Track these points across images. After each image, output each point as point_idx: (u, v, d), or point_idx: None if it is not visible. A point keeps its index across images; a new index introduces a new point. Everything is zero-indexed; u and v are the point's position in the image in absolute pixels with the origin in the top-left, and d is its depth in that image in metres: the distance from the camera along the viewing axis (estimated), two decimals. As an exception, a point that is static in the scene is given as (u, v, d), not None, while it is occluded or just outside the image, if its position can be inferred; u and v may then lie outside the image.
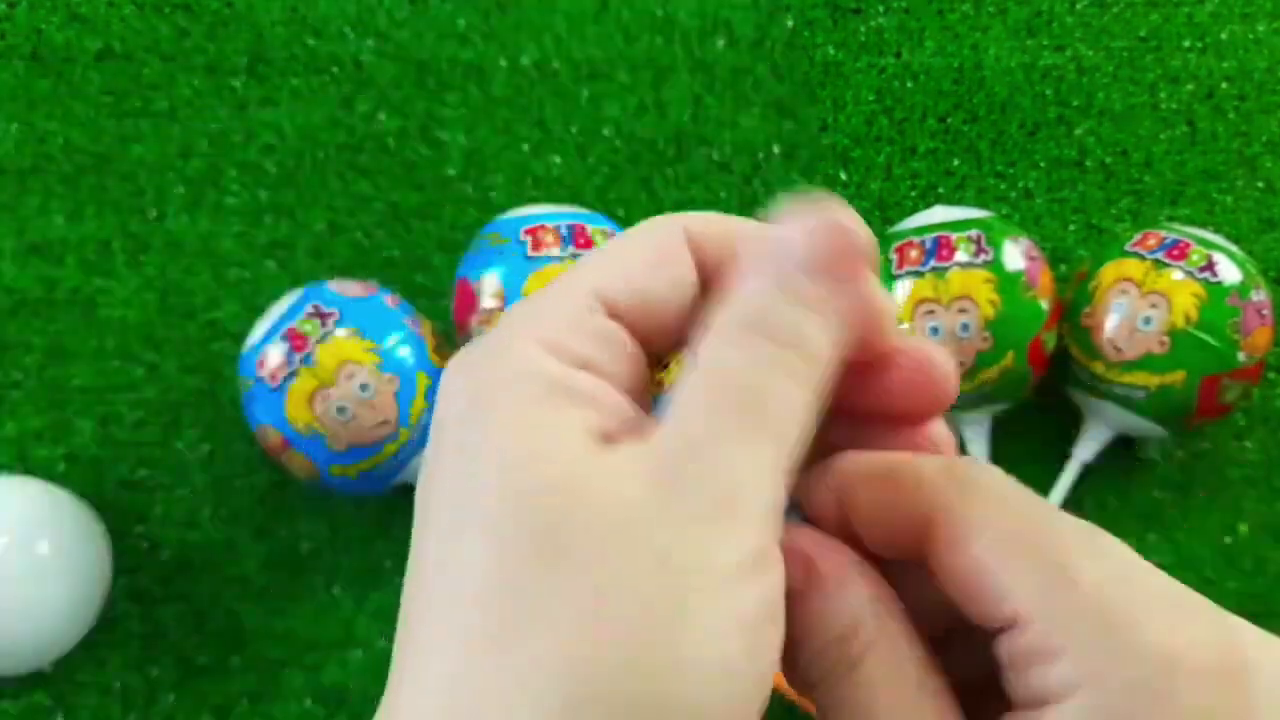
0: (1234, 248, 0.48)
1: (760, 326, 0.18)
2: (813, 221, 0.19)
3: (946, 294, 0.47)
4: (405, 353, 0.46)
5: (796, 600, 0.19)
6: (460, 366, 0.19)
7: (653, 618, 0.16)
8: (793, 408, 0.18)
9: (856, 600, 0.19)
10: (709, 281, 0.20)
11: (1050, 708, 0.16)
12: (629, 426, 0.18)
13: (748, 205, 0.57)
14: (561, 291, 0.19)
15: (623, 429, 0.18)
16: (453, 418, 0.18)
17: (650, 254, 0.20)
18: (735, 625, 0.16)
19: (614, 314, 0.19)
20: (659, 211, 0.59)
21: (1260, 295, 0.47)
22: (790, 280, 0.18)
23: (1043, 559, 0.17)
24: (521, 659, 0.16)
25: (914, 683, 0.18)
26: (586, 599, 0.16)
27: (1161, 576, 0.18)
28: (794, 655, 0.19)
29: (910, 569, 0.19)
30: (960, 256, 0.47)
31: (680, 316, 0.20)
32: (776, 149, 0.58)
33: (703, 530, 0.16)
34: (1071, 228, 0.58)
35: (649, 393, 0.20)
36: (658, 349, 0.20)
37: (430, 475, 0.18)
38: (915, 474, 0.19)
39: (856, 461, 0.20)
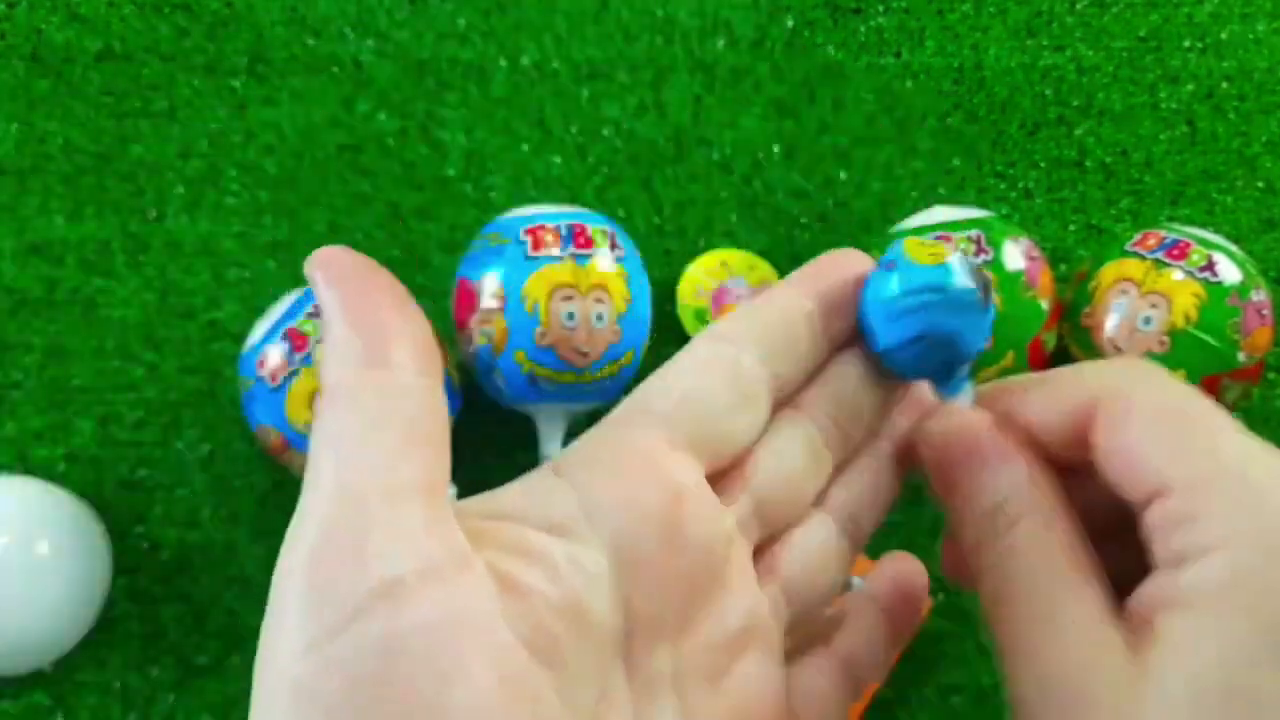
0: (1234, 248, 0.48)
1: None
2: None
3: (946, 294, 0.47)
4: (405, 353, 0.46)
5: (961, 471, 0.21)
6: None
7: None
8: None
9: (1012, 474, 0.21)
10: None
11: (1192, 564, 0.18)
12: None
13: (748, 205, 0.57)
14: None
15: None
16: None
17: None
18: None
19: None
20: (659, 211, 0.59)
21: (1260, 295, 0.47)
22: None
23: (1192, 434, 0.19)
24: None
25: (1057, 556, 0.20)
26: None
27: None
28: (958, 523, 0.21)
29: (1073, 477, 0.21)
30: (960, 256, 0.47)
31: None
32: (777, 149, 0.58)
33: None
34: (1071, 227, 0.58)
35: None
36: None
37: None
38: (1076, 370, 0.21)
39: (1021, 379, 0.22)
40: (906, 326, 0.22)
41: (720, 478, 0.22)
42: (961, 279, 0.22)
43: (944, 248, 0.23)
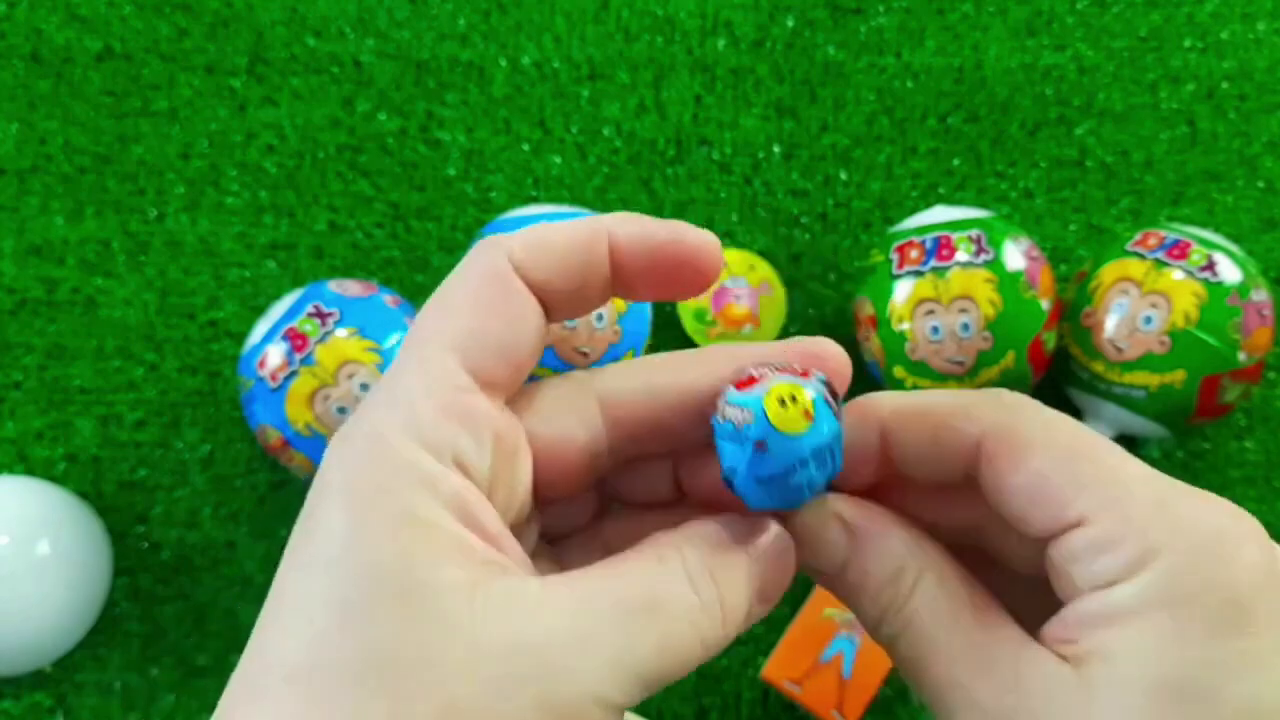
0: (1234, 247, 0.48)
1: (697, 573, 0.20)
2: (779, 543, 0.21)
3: (947, 294, 0.47)
4: (405, 353, 0.46)
5: (844, 557, 0.21)
6: (339, 453, 0.19)
7: None
8: (681, 659, 0.19)
9: (898, 544, 0.21)
10: (622, 285, 0.21)
11: (1124, 583, 0.18)
12: (490, 552, 0.18)
13: (748, 205, 0.57)
14: (423, 367, 0.19)
15: (486, 555, 0.18)
16: (325, 512, 0.18)
17: (484, 296, 0.20)
18: None
19: (486, 384, 0.20)
20: (659, 211, 0.59)
21: (1261, 295, 0.47)
22: (743, 564, 0.20)
23: (1094, 464, 0.19)
24: None
25: (963, 602, 0.20)
26: None
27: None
28: (857, 604, 0.21)
29: (941, 498, 0.22)
30: (961, 256, 0.47)
31: (531, 349, 0.21)
32: (777, 149, 0.58)
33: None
34: (1072, 227, 0.58)
35: (512, 488, 0.20)
36: (505, 388, 0.20)
37: (292, 561, 0.18)
38: (962, 406, 0.21)
39: (897, 401, 0.22)
40: (757, 474, 0.20)
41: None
42: (820, 438, 0.20)
43: (802, 393, 0.20)
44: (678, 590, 0.19)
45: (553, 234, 0.21)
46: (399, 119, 0.58)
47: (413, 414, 0.19)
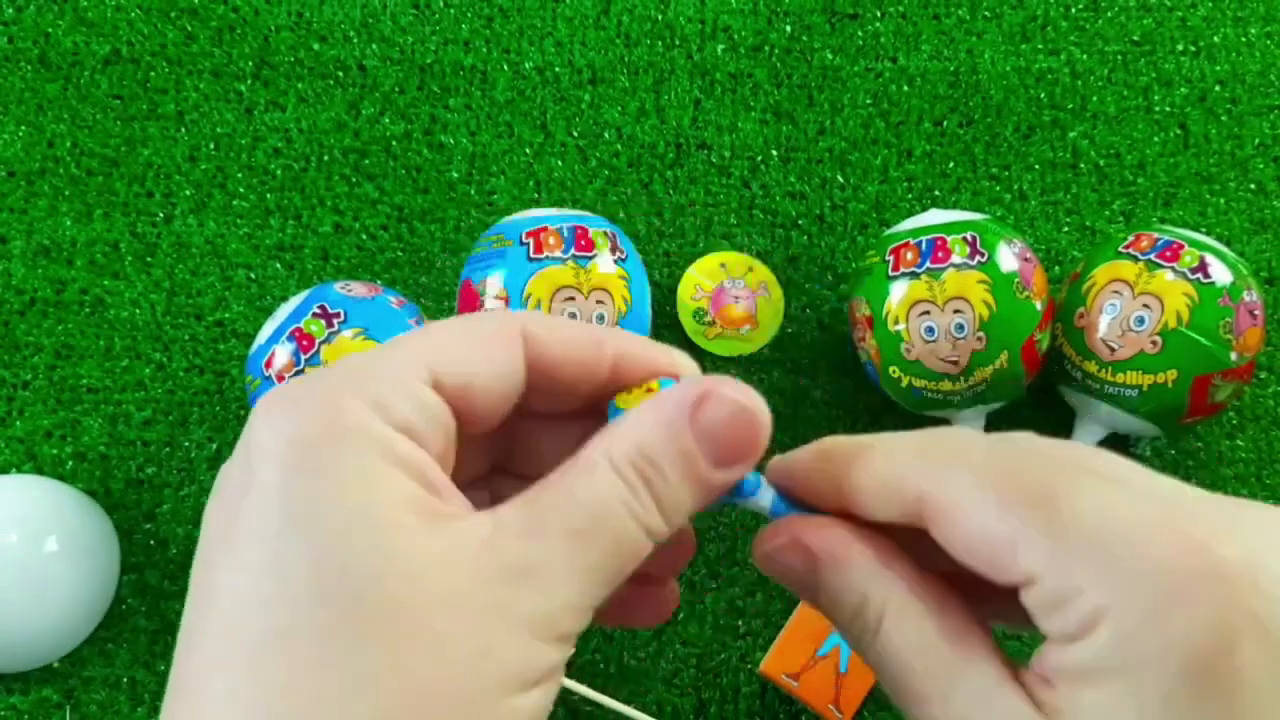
0: (1226, 249, 0.49)
1: (638, 469, 0.19)
2: (737, 401, 0.20)
3: (942, 295, 0.47)
4: (410, 352, 0.47)
5: (811, 582, 0.21)
6: (284, 409, 0.19)
7: (460, 715, 0.17)
8: (628, 550, 0.19)
9: (859, 575, 0.20)
10: (540, 381, 0.21)
11: (1080, 640, 0.18)
12: (442, 505, 0.19)
13: (746, 207, 0.58)
14: (393, 356, 0.20)
15: (438, 506, 0.19)
16: (275, 461, 0.18)
17: (484, 343, 0.21)
18: None
19: (439, 389, 0.20)
20: (659, 214, 0.60)
21: (1252, 296, 0.48)
22: (688, 444, 0.20)
23: (1038, 512, 0.18)
24: None
25: (933, 635, 0.20)
26: (389, 682, 0.17)
27: (1146, 482, 0.19)
28: (837, 629, 0.21)
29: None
30: (955, 258, 0.47)
31: (500, 405, 0.21)
32: (775, 153, 0.59)
33: (511, 641, 0.18)
34: (1065, 229, 0.58)
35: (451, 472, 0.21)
36: (471, 429, 0.21)
37: (238, 507, 0.18)
38: (895, 475, 0.20)
39: (843, 446, 0.21)
40: None
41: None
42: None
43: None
44: (612, 493, 0.19)
45: (568, 327, 0.22)
46: (403, 123, 0.59)
47: (367, 385, 0.19)
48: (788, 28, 0.61)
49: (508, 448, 0.24)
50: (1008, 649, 0.20)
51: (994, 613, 0.21)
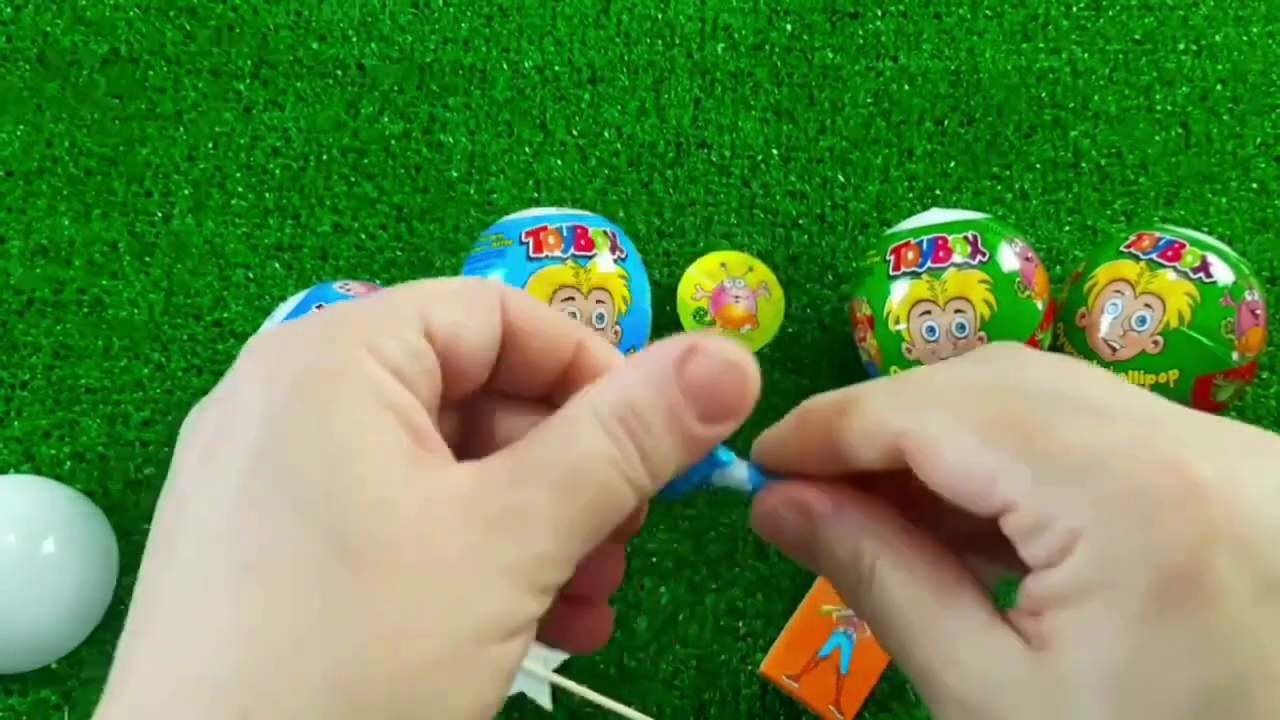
0: (1228, 249, 0.49)
1: (625, 422, 0.19)
2: (724, 355, 0.20)
3: (943, 294, 0.47)
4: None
5: (803, 537, 0.22)
6: (274, 346, 0.19)
7: (435, 659, 0.17)
8: (612, 504, 0.19)
9: (852, 528, 0.21)
10: (509, 353, 0.22)
11: (1059, 565, 0.18)
12: (427, 451, 0.19)
13: (747, 207, 0.58)
14: (387, 300, 0.20)
15: (423, 451, 0.19)
16: (262, 395, 0.18)
17: (470, 301, 0.21)
18: (498, 681, 0.18)
19: (429, 338, 0.20)
20: (659, 213, 0.60)
21: (1253, 296, 0.48)
22: (675, 398, 0.20)
23: (1011, 445, 0.19)
24: (298, 668, 0.16)
25: (924, 584, 0.20)
26: (367, 620, 0.17)
27: (1122, 402, 0.19)
28: (834, 587, 0.22)
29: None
30: (956, 258, 0.47)
31: (480, 366, 0.21)
32: (775, 152, 0.59)
33: (490, 588, 0.18)
34: (1066, 229, 0.58)
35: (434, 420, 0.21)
36: (449, 391, 0.21)
37: (221, 435, 0.18)
38: (877, 414, 0.21)
39: (821, 404, 0.22)
40: None
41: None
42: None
43: None
44: (597, 446, 0.19)
45: (541, 305, 0.22)
46: (402, 122, 0.59)
47: (361, 326, 0.19)
48: (788, 26, 0.61)
49: (465, 429, 0.24)
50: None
51: (987, 570, 0.22)
